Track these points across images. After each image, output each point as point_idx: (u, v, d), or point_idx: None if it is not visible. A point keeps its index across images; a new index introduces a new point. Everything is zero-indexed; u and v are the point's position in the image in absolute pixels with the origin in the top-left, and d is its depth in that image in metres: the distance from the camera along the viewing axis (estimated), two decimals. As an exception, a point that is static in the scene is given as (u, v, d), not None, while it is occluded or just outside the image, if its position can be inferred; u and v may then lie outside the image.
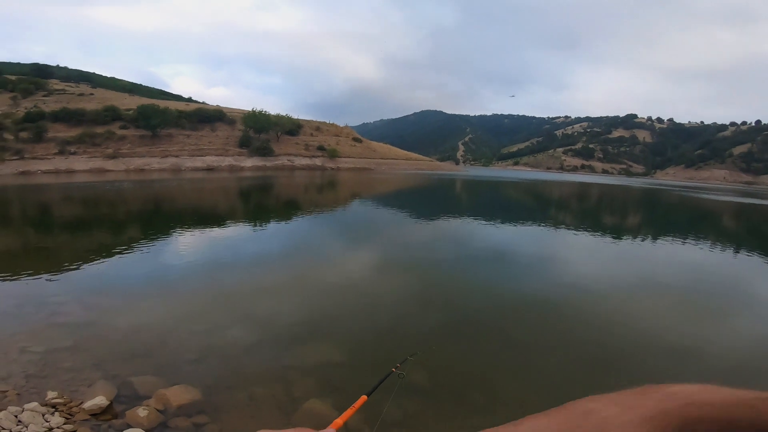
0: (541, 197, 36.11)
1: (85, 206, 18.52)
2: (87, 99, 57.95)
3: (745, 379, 4.85)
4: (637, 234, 16.69)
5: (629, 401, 0.36)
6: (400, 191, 35.04)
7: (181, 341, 4.98)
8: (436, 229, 15.61)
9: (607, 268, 10.36)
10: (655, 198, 42.13)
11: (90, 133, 45.87)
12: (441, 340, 5.35)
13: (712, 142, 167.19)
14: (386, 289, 7.71)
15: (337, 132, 75.87)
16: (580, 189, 50.38)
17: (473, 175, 73.60)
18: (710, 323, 6.85)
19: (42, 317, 5.38)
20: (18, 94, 54.44)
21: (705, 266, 11.20)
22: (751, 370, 5.10)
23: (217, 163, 50.79)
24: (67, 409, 3.19)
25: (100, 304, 6.03)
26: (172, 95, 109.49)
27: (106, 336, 4.92)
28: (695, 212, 29.51)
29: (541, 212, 24.22)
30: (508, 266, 9.88)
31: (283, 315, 6.10)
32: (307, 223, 15.85)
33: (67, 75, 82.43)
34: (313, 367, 4.56)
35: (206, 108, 66.65)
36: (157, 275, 7.80)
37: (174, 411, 3.56)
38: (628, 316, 6.74)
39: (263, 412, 3.75)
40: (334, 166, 60.63)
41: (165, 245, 10.65)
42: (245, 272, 8.31)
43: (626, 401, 0.36)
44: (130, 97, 68.45)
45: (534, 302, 7.10)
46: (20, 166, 37.53)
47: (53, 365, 4.12)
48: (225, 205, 20.44)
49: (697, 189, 69.72)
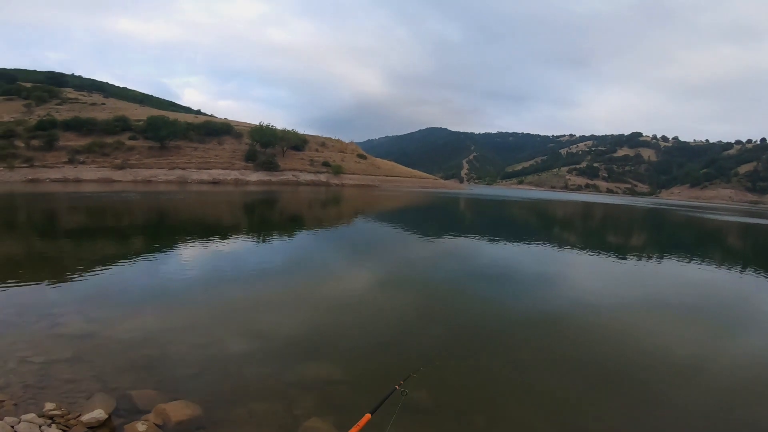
0: (545, 216, 36.02)
1: (91, 216, 18.65)
2: (99, 108, 59.17)
3: (749, 399, 4.75)
4: (642, 254, 16.54)
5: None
6: (404, 209, 35.09)
7: (181, 354, 4.93)
8: (439, 246, 15.55)
9: (612, 287, 10.25)
10: (660, 218, 41.91)
11: (100, 142, 46.61)
12: (444, 358, 5.26)
13: (717, 160, 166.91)
14: (389, 306, 7.64)
15: (342, 148, 76.42)
16: (584, 209, 50.27)
17: (477, 194, 73.70)
18: (715, 343, 6.76)
19: (43, 327, 5.35)
20: (32, 101, 55.52)
21: (710, 286, 11.08)
22: (755, 391, 5.00)
23: (222, 176, 51.19)
24: (65, 421, 3.13)
25: (102, 314, 6.00)
26: (181, 107, 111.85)
27: (107, 347, 4.88)
28: (700, 232, 29.30)
29: (545, 231, 24.14)
30: (512, 285, 9.79)
31: (284, 330, 6.04)
32: (310, 238, 15.85)
33: (81, 84, 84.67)
34: (315, 384, 4.49)
35: (214, 121, 67.68)
36: (159, 287, 7.78)
37: (173, 426, 3.50)
38: (633, 335, 6.65)
39: (263, 430, 3.67)
40: (338, 183, 60.90)
41: (168, 257, 10.66)
42: (247, 286, 8.27)
43: None
44: (140, 107, 69.91)
45: (538, 321, 7.02)
46: (29, 173, 38.01)
47: (52, 376, 4.08)
48: (229, 219, 20.52)
49: (702, 209, 69.36)
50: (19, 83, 63.35)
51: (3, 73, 69.85)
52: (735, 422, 4.29)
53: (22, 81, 66.20)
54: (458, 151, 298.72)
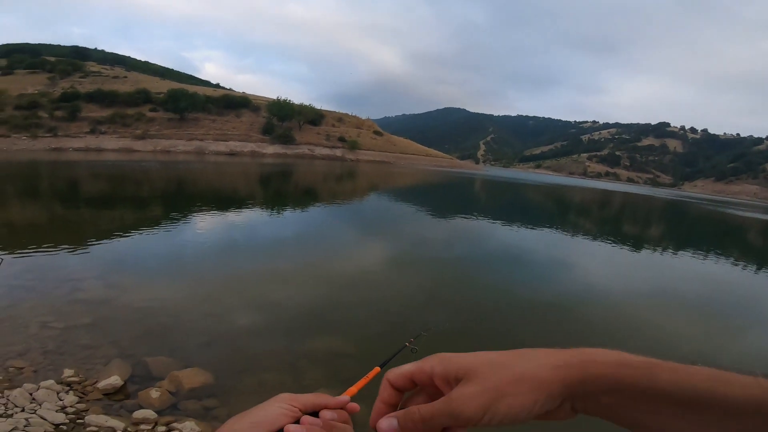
0: (561, 202, 35.43)
1: (112, 184, 19.03)
2: (121, 81, 60.16)
3: None
4: (657, 246, 16.21)
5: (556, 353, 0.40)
6: (418, 187, 34.91)
7: (195, 322, 5.05)
8: (452, 226, 15.50)
9: (623, 278, 10.11)
10: (680, 210, 40.86)
11: (121, 113, 47.65)
12: (452, 331, 5.35)
13: (746, 155, 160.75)
14: (399, 283, 7.69)
15: (359, 124, 75.86)
16: (603, 196, 49.24)
17: (493, 176, 72.69)
18: (723, 342, 6.63)
19: (64, 292, 5.51)
20: (56, 74, 56.75)
21: (724, 284, 10.83)
22: None
23: (239, 148, 51.58)
24: (82, 387, 3.25)
25: (120, 281, 6.16)
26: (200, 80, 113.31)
27: (124, 314, 5.02)
28: (720, 227, 28.51)
29: (560, 217, 23.78)
30: (523, 268, 9.75)
31: (295, 302, 6.13)
32: (323, 212, 15.95)
33: (103, 57, 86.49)
34: (323, 356, 4.56)
35: (232, 94, 68.08)
36: (175, 255, 7.94)
37: (185, 393, 3.60)
38: (642, 327, 6.59)
39: None
40: (353, 158, 60.69)
41: (185, 226, 10.85)
42: (261, 257, 8.40)
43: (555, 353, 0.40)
44: (161, 81, 70.71)
45: (547, 305, 6.99)
46: (53, 142, 38.96)
47: (71, 342, 4.21)
48: (245, 190, 20.72)
49: (725, 204, 67.33)
50: (44, 57, 64.55)
51: (27, 48, 71.48)
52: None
53: (47, 55, 67.37)
54: (476, 132, 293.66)
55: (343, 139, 64.23)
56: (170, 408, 3.39)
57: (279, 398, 0.49)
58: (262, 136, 56.21)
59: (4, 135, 37.36)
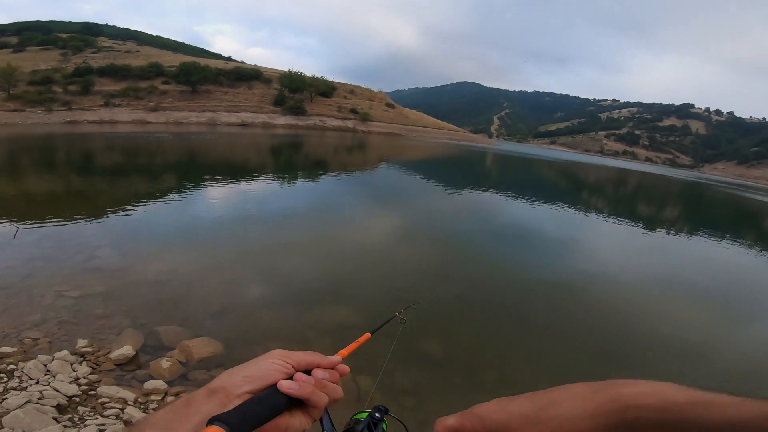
0: (574, 179, 34.79)
1: (126, 155, 19.18)
2: (133, 56, 60.46)
3: (755, 387, 4.64)
4: (670, 229, 15.91)
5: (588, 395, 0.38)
6: (429, 159, 34.60)
7: (205, 292, 5.13)
8: (461, 200, 15.45)
9: (633, 260, 9.98)
10: (697, 192, 39.89)
11: (134, 87, 47.88)
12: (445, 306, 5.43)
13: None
14: (407, 256, 7.73)
15: (371, 96, 74.86)
16: (618, 175, 48.21)
17: (506, 150, 71.54)
18: (731, 328, 6.57)
19: (79, 261, 5.62)
20: (68, 50, 57.12)
21: (737, 270, 10.64)
22: (763, 379, 4.89)
23: (251, 119, 51.50)
24: (95, 358, 3.35)
25: (134, 251, 6.29)
26: (212, 54, 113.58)
27: (137, 283, 5.12)
28: (737, 212, 27.81)
29: (572, 195, 23.41)
30: (531, 246, 9.72)
31: (305, 272, 6.20)
32: (333, 183, 15.99)
33: (115, 33, 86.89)
34: (332, 327, 4.62)
35: (244, 67, 67.84)
36: (187, 225, 8.05)
37: (195, 364, 3.69)
38: (650, 310, 6.54)
39: None
40: (365, 130, 60.16)
41: (197, 196, 10.96)
42: (271, 228, 8.48)
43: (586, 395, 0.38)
44: (173, 54, 71.11)
45: (553, 285, 6.98)
46: (67, 116, 39.33)
47: (85, 311, 4.30)
48: (256, 161, 20.74)
49: (745, 188, 65.49)
50: (56, 34, 64.50)
51: (39, 25, 71.32)
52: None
53: (58, 32, 67.42)
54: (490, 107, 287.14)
55: (355, 110, 63.56)
56: (180, 378, 3.50)
57: (273, 354, 0.49)
58: (273, 108, 55.95)
59: (19, 110, 37.71)
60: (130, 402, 2.88)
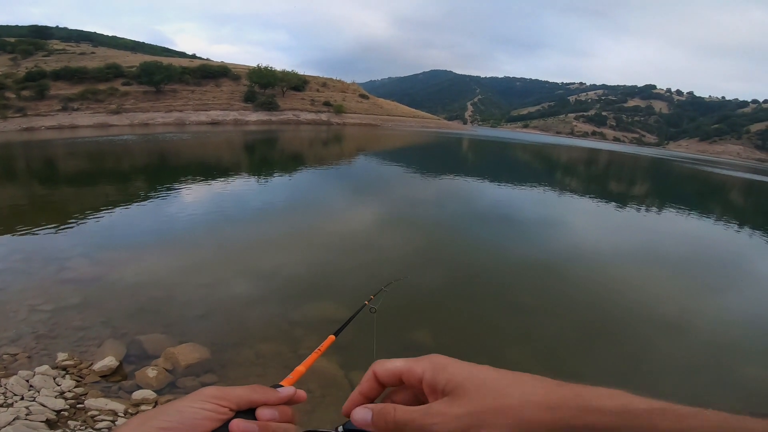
0: (548, 160, 35.56)
1: (91, 160, 18.36)
2: (89, 58, 57.71)
3: (735, 357, 4.89)
4: (642, 203, 16.51)
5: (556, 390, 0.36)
6: (406, 148, 34.64)
7: (187, 296, 5.00)
8: (439, 186, 15.58)
9: (610, 235, 10.35)
10: (664, 169, 41.41)
11: (93, 89, 45.76)
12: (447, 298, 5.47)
13: (730, 117, 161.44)
14: (390, 244, 7.77)
15: (344, 88, 74.15)
16: (589, 155, 49.53)
17: (481, 135, 72.31)
18: (706, 298, 6.87)
19: (50, 273, 5.39)
20: (18, 55, 54.22)
21: (708, 241, 11.18)
22: (742, 347, 5.13)
23: (221, 117, 50.13)
24: (78, 371, 3.24)
25: (107, 258, 6.05)
26: (175, 52, 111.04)
27: (114, 291, 4.95)
28: (702, 186, 29.09)
29: (546, 176, 23.95)
30: (509, 227, 9.94)
31: (287, 270, 6.11)
32: (310, 177, 15.83)
33: (67, 35, 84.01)
34: (319, 323, 4.57)
35: (210, 64, 66.05)
36: (162, 229, 7.82)
37: (182, 371, 3.60)
38: (628, 285, 6.77)
39: (270, 370, 3.75)
40: (340, 122, 59.63)
41: (170, 198, 10.62)
42: (250, 226, 8.32)
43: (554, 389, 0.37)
44: (132, 55, 68.51)
45: (534, 265, 7.14)
46: (23, 122, 37.35)
47: (63, 324, 4.15)
48: (229, 159, 20.24)
49: (708, 162, 68.38)
50: (3, 38, 61.10)
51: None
52: (719, 378, 4.44)
53: (5, 36, 63.80)
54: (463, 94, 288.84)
55: (329, 103, 62.89)
56: (168, 386, 3.41)
57: (202, 393, 0.40)
58: (244, 104, 54.68)
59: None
60: (120, 413, 2.80)
